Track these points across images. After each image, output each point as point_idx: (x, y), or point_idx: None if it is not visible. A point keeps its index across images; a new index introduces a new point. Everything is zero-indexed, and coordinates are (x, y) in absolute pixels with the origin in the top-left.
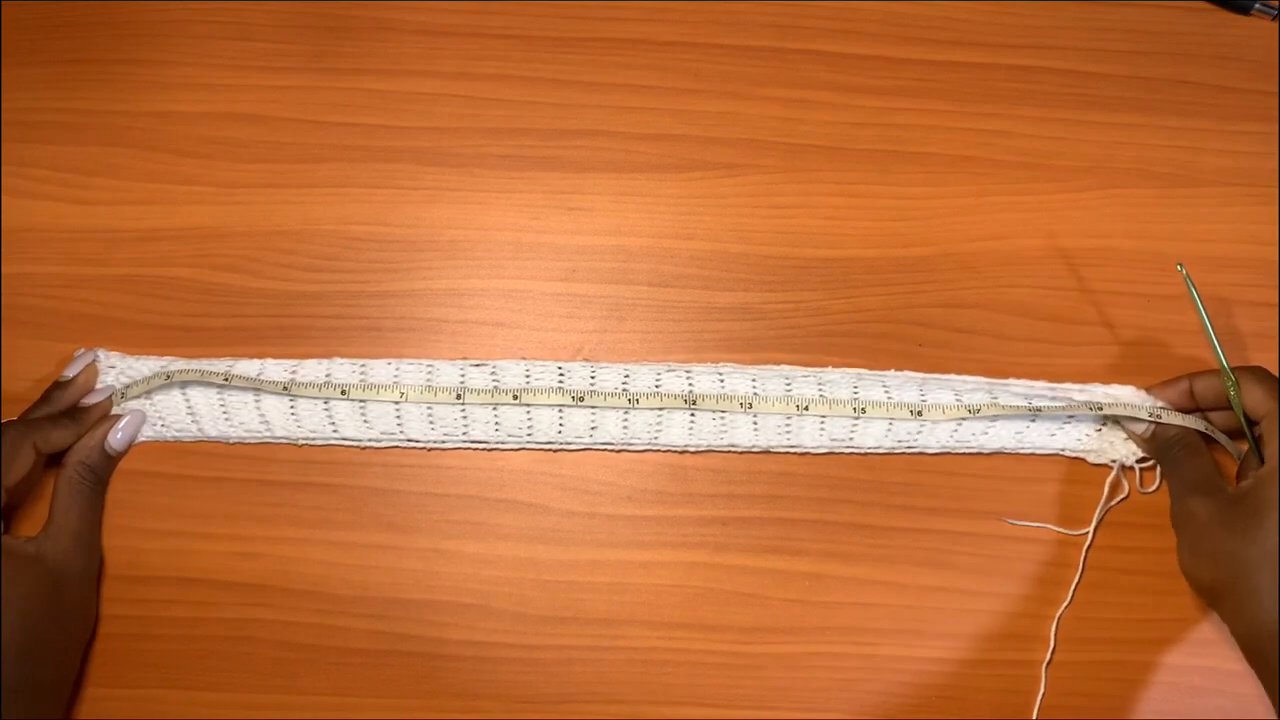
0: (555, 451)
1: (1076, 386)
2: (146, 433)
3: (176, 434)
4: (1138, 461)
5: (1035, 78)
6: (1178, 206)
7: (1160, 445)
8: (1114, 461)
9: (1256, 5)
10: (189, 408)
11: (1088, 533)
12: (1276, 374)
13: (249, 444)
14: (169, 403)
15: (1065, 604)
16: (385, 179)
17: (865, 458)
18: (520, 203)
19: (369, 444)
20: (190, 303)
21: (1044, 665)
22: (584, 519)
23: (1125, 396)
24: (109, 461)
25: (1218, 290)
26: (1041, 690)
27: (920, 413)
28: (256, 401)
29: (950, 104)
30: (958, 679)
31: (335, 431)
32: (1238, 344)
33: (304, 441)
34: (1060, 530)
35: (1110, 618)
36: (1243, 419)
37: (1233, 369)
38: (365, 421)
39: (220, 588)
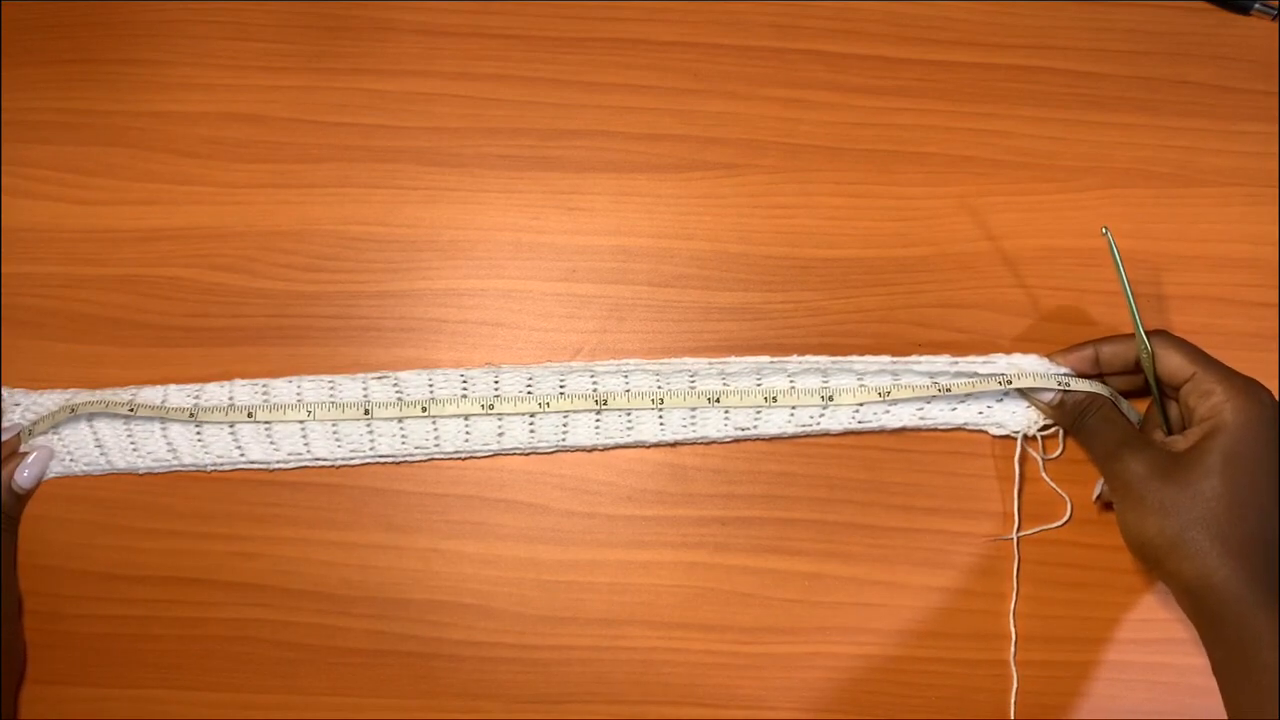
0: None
1: (980, 359)
2: (55, 468)
3: (85, 468)
4: (1039, 430)
5: (1035, 78)
6: (1178, 206)
7: (1070, 412)
8: (1016, 433)
9: (1256, 5)
10: (96, 440)
11: (1014, 530)
12: (1278, 379)
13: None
14: (76, 436)
15: (1013, 598)
16: (385, 179)
17: (865, 455)
18: (520, 203)
19: (277, 466)
20: (189, 303)
21: (1011, 660)
22: (584, 519)
23: (1030, 365)
24: (17, 501)
25: (1218, 290)
26: (1014, 685)
27: (831, 398)
28: (163, 430)
29: (950, 104)
30: (958, 678)
31: (242, 456)
32: (1237, 343)
33: (212, 468)
34: (997, 538)
35: (1110, 618)
36: (1155, 384)
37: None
38: (271, 443)
39: (220, 588)
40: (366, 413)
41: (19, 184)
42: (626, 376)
